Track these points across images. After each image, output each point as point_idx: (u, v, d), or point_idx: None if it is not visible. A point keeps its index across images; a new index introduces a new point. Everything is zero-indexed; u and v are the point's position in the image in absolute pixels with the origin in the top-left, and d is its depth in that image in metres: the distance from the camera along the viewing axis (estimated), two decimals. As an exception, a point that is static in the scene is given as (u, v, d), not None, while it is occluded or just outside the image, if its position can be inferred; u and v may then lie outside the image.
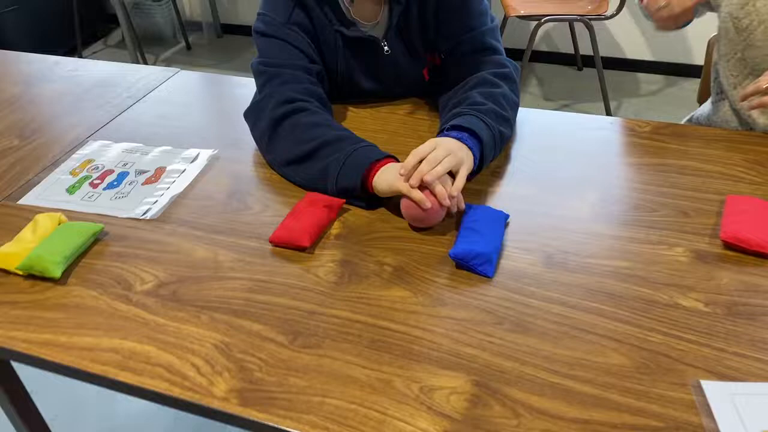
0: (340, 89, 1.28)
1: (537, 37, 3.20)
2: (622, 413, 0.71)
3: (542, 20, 2.57)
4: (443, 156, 0.97)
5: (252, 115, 1.18)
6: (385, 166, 1.02)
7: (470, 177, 1.04)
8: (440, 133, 1.07)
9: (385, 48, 1.23)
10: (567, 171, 1.11)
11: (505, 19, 2.92)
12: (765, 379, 0.73)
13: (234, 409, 0.74)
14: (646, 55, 3.19)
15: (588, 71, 3.15)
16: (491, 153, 1.08)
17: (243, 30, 3.94)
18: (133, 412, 1.75)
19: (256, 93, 1.19)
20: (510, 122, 1.14)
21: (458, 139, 1.01)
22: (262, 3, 1.20)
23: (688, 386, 0.73)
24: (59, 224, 1.02)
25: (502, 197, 1.05)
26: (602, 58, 2.85)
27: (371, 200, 1.04)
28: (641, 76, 3.21)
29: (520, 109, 1.23)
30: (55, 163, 1.21)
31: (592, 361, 0.77)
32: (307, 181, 1.08)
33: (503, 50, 1.22)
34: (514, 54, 2.00)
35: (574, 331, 0.81)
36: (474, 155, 1.02)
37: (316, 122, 1.11)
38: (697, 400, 0.71)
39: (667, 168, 1.10)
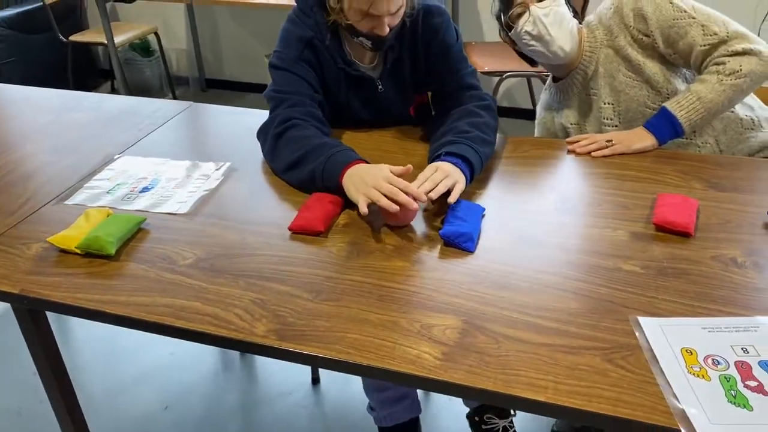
0: (341, 117, 1.52)
1: (500, 93, 3.53)
2: (578, 339, 0.92)
3: (504, 76, 2.88)
4: (441, 178, 1.20)
5: (262, 133, 1.41)
6: (352, 168, 1.23)
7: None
8: (437, 157, 1.29)
9: (380, 87, 1.47)
10: (531, 179, 1.34)
11: (471, 76, 3.24)
12: (685, 316, 0.95)
13: (273, 343, 0.93)
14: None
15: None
16: (479, 170, 1.32)
17: (226, 85, 4.20)
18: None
19: (268, 115, 1.42)
20: (492, 144, 1.39)
21: (454, 164, 1.25)
22: (278, 43, 1.43)
23: (628, 321, 0.94)
24: (107, 216, 1.20)
25: (479, 197, 1.28)
26: (558, 111, 3.16)
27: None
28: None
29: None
30: (92, 174, 1.40)
31: (554, 306, 0.98)
32: (302, 183, 1.30)
33: (482, 87, 1.49)
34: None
35: (540, 287, 1.02)
36: (466, 176, 1.25)
37: (306, 134, 1.33)
38: (635, 329, 0.93)
39: (611, 176, 1.34)
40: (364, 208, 1.15)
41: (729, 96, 1.39)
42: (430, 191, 1.18)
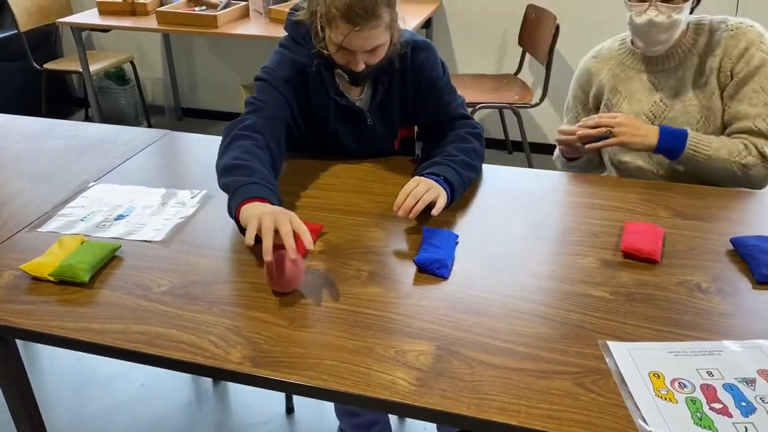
0: (327, 145, 1.54)
1: (473, 124, 3.60)
2: (549, 364, 0.93)
3: (476, 107, 2.94)
4: (424, 191, 1.24)
5: (228, 128, 1.37)
6: (248, 205, 1.14)
7: (444, 208, 1.29)
8: (420, 173, 1.33)
9: (369, 120, 1.51)
10: (504, 207, 1.37)
11: (445, 107, 3.30)
12: (652, 340, 0.98)
13: (248, 369, 0.93)
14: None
15: (517, 155, 3.54)
16: (460, 192, 1.36)
17: (202, 114, 4.21)
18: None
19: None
20: (476, 169, 1.44)
21: (435, 181, 1.29)
22: (270, 61, 1.45)
23: (598, 346, 0.97)
24: (81, 243, 1.20)
25: (453, 224, 1.30)
26: (529, 143, 3.23)
27: None
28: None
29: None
30: (67, 201, 1.39)
31: (526, 331, 1.00)
32: (223, 189, 1.24)
33: (472, 117, 1.54)
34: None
35: (512, 312, 1.04)
36: (447, 194, 1.29)
37: (247, 149, 1.28)
38: (604, 353, 0.95)
39: (581, 204, 1.38)
40: (250, 239, 1.06)
41: (724, 172, 1.45)
42: (413, 207, 1.22)
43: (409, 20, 2.96)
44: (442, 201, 1.25)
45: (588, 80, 1.68)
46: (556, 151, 1.72)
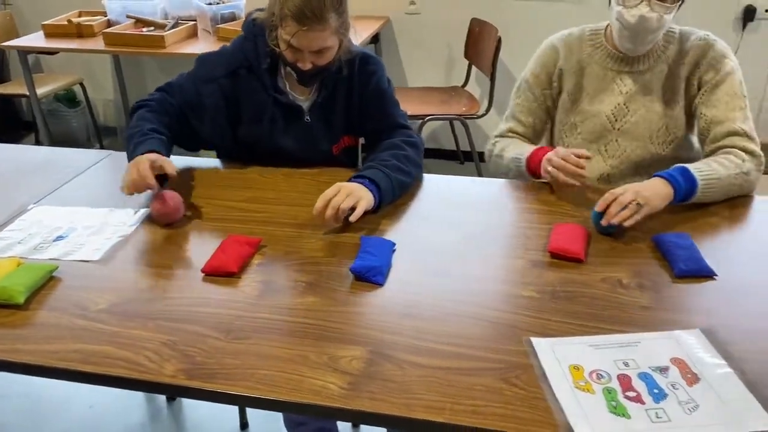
0: (260, 147, 1.58)
1: (425, 136, 3.66)
2: (476, 361, 0.97)
3: (426, 119, 3.00)
4: (344, 197, 1.28)
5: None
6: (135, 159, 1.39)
7: (373, 211, 1.36)
8: (350, 178, 1.38)
9: (307, 117, 1.56)
10: (442, 215, 1.41)
11: (397, 120, 3.35)
12: (575, 335, 1.02)
13: (182, 382, 0.94)
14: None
15: (469, 164, 3.61)
16: (390, 195, 1.40)
17: (156, 134, 4.18)
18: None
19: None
20: (410, 175, 1.48)
21: (361, 183, 1.34)
22: (210, 52, 1.57)
23: (524, 342, 1.01)
24: (17, 266, 1.20)
25: (391, 233, 1.33)
26: (478, 152, 3.30)
27: None
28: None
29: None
30: (5, 224, 1.39)
31: (456, 332, 1.04)
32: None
33: (412, 128, 1.60)
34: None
35: (444, 315, 1.08)
36: (375, 196, 1.34)
37: (143, 116, 1.51)
38: (529, 350, 0.99)
39: (513, 208, 1.43)
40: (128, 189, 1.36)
41: (731, 187, 1.39)
42: (334, 215, 1.28)
43: (357, 35, 3.02)
44: (363, 205, 1.30)
45: (554, 58, 1.62)
46: (510, 154, 1.59)
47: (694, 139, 1.61)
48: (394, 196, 1.42)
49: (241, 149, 1.60)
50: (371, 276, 1.16)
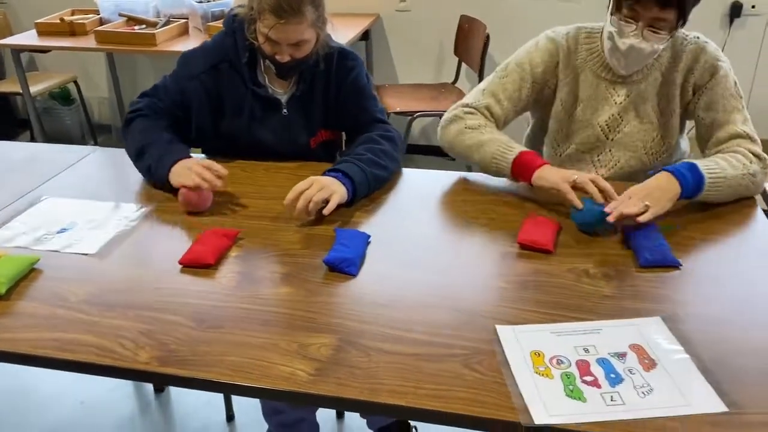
0: (240, 140, 1.61)
1: (416, 132, 3.68)
2: (442, 348, 1.00)
3: (414, 116, 3.03)
4: (316, 191, 1.31)
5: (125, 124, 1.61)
6: (177, 165, 1.43)
7: (348, 204, 1.39)
8: (325, 172, 1.41)
9: (284, 110, 1.59)
10: (418, 208, 1.44)
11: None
12: (538, 323, 1.05)
13: (155, 369, 0.97)
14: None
15: (458, 160, 3.64)
16: (365, 189, 1.43)
17: (150, 132, 4.21)
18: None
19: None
20: (386, 169, 1.50)
21: (334, 177, 1.37)
22: (191, 50, 1.61)
23: (490, 330, 1.04)
24: (0, 257, 1.23)
25: (366, 225, 1.36)
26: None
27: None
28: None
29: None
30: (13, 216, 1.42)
31: (424, 320, 1.06)
32: (144, 176, 1.52)
33: (390, 123, 1.63)
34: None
35: (414, 304, 1.10)
36: (348, 189, 1.37)
37: (143, 127, 1.53)
38: (494, 338, 1.02)
39: (487, 201, 1.45)
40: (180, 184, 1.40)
41: (739, 187, 1.38)
42: (305, 208, 1.31)
43: (348, 33, 3.06)
44: (336, 199, 1.32)
45: (555, 56, 1.55)
46: (492, 141, 1.49)
47: (683, 142, 1.62)
48: (369, 190, 1.45)
49: (223, 143, 1.63)
50: (344, 267, 1.19)
